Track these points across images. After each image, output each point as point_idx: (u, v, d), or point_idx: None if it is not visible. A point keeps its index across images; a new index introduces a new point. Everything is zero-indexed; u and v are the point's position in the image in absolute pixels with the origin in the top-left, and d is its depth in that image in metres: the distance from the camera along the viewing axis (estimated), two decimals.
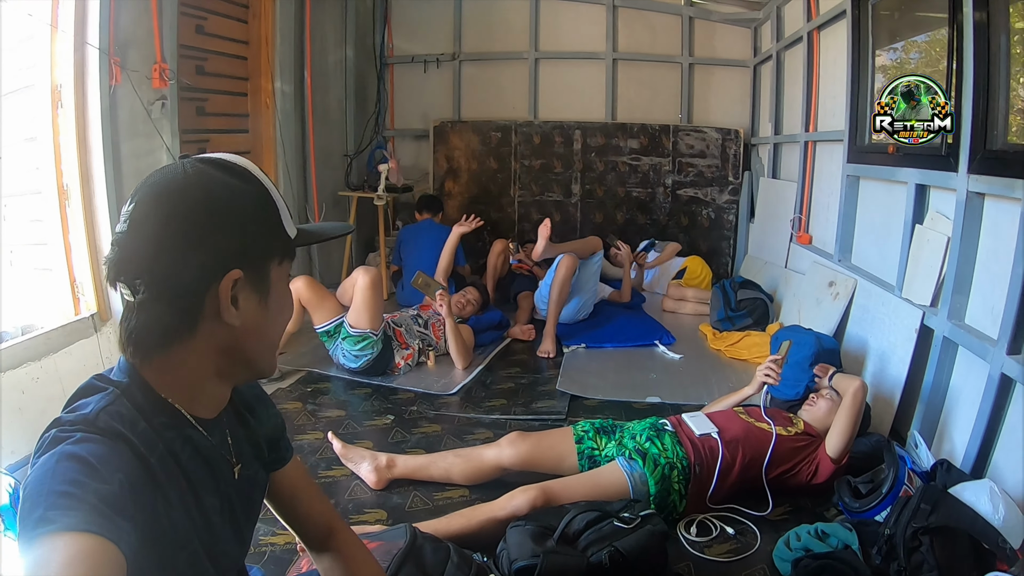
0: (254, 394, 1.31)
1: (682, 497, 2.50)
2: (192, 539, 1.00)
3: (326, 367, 4.07)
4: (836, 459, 2.59)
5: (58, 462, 0.83)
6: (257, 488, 1.26)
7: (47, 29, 3.33)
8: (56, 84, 3.39)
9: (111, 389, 0.99)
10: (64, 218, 3.49)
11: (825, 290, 4.06)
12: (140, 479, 0.90)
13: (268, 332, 1.10)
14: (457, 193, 6.95)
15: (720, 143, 6.48)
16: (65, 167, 3.46)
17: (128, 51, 3.60)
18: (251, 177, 1.05)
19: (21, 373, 3.03)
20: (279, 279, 1.09)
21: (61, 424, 0.92)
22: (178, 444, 1.01)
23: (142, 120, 3.74)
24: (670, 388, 3.82)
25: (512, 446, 2.71)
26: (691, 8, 6.61)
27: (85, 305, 3.54)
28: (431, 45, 7.05)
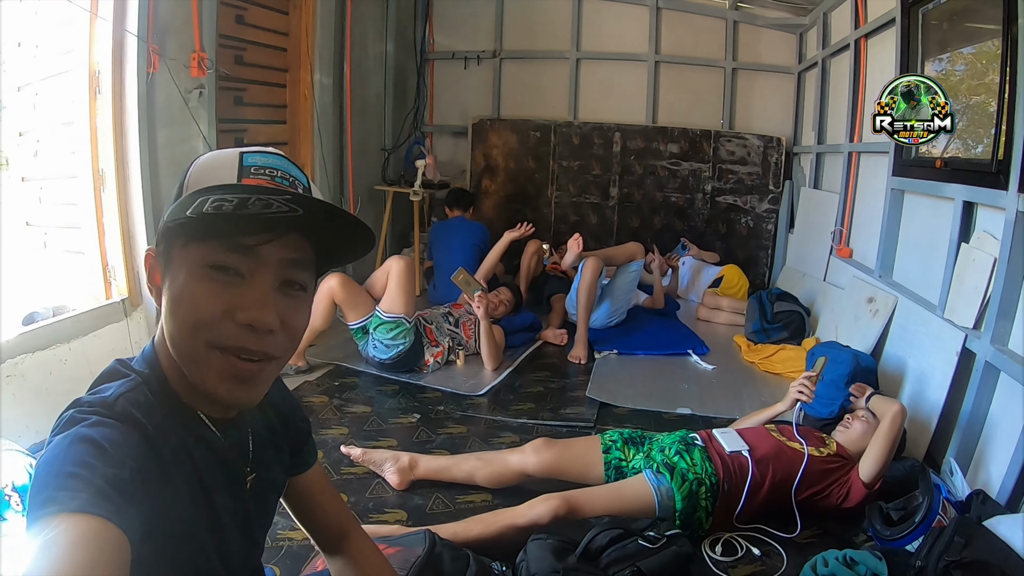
0: (282, 396, 1.29)
1: (708, 514, 2.45)
2: (199, 533, 1.00)
3: (355, 362, 4.09)
4: (869, 484, 2.53)
5: (71, 444, 0.83)
6: (273, 492, 1.25)
7: (87, 15, 3.36)
8: (94, 70, 3.43)
9: (133, 376, 0.99)
10: (99, 202, 3.53)
11: (864, 306, 3.98)
12: (150, 468, 0.90)
13: (168, 326, 0.96)
14: (494, 191, 6.94)
15: (761, 150, 6.40)
16: (101, 152, 3.49)
17: (167, 39, 3.63)
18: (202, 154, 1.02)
19: (49, 354, 3.07)
20: (181, 263, 0.94)
21: (80, 405, 0.92)
22: (191, 441, 1.00)
23: (179, 108, 3.77)
24: (701, 400, 3.77)
25: (537, 453, 2.68)
26: (736, 12, 6.52)
27: (116, 290, 3.58)
28: (472, 42, 7.04)
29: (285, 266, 0.96)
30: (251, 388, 0.98)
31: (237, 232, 0.91)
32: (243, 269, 0.93)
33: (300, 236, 0.97)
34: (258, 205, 0.86)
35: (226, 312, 0.92)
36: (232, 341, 0.93)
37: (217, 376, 0.95)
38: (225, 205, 0.85)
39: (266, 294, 0.94)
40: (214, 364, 0.94)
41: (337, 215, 0.95)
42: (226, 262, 0.93)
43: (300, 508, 1.38)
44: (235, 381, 0.95)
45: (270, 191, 0.89)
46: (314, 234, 0.98)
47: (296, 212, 0.88)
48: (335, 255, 1.06)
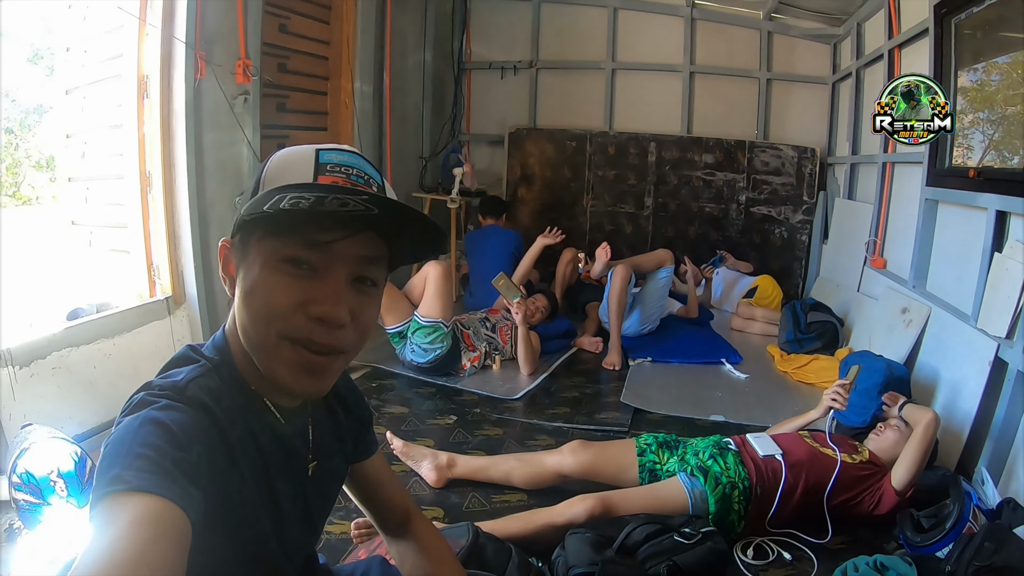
0: (347, 386, 1.33)
1: (741, 518, 2.49)
2: (261, 519, 1.03)
3: (392, 365, 4.18)
4: (901, 491, 2.55)
5: (141, 425, 0.85)
6: (334, 481, 1.27)
7: (136, 22, 3.48)
8: (143, 75, 3.54)
9: (203, 362, 1.02)
10: (145, 203, 3.63)
11: (898, 317, 3.99)
12: (218, 453, 0.93)
13: (241, 316, 1.00)
14: (530, 200, 7.00)
15: (796, 161, 6.40)
16: (149, 154, 3.60)
17: (213, 46, 3.74)
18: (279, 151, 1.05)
19: (94, 348, 3.17)
20: (256, 256, 0.97)
21: (150, 388, 0.95)
22: (257, 427, 1.03)
23: (224, 113, 3.88)
24: (734, 407, 3.80)
25: (574, 454, 2.73)
26: (770, 23, 6.54)
27: (160, 288, 3.68)
28: (509, 52, 7.14)
29: (358, 262, 0.99)
30: (319, 380, 1.00)
31: (313, 228, 0.94)
32: (317, 264, 0.96)
33: (374, 234, 0.99)
34: (334, 204, 0.88)
35: (299, 305, 0.95)
36: (303, 333, 0.95)
37: (287, 367, 0.97)
38: (302, 203, 0.87)
39: (339, 289, 0.96)
40: (284, 355, 0.97)
41: (410, 216, 0.96)
42: (301, 256, 0.95)
43: (363, 493, 1.42)
44: (304, 372, 0.98)
45: (346, 191, 0.91)
46: (387, 232, 1.00)
47: (371, 212, 0.90)
48: (407, 253, 1.09)
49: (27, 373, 2.83)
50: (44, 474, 2.42)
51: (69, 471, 2.46)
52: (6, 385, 2.74)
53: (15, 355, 2.79)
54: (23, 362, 2.82)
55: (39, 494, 2.40)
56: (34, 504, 2.39)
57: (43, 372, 2.91)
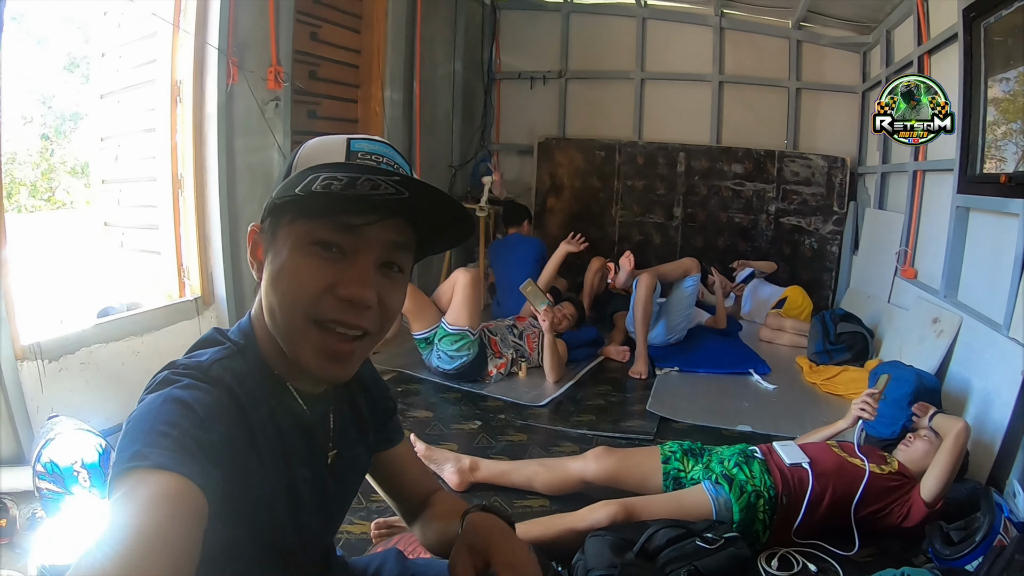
0: (371, 376, 1.32)
1: (766, 528, 2.46)
2: (277, 503, 1.03)
3: (418, 370, 4.21)
4: (930, 503, 2.51)
5: (163, 403, 0.87)
6: (355, 471, 1.27)
7: (170, 28, 3.55)
8: (176, 80, 3.62)
9: (228, 344, 1.04)
10: (176, 206, 3.70)
11: (928, 327, 3.93)
12: (238, 434, 0.94)
13: (269, 298, 1.01)
14: (559, 210, 7.02)
15: (826, 171, 6.36)
16: (181, 158, 3.66)
17: (245, 53, 3.79)
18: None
19: (123, 345, 3.23)
20: (286, 239, 0.99)
21: (175, 367, 0.97)
22: (280, 411, 1.04)
23: (256, 118, 3.93)
24: (762, 418, 3.77)
25: (597, 460, 2.72)
26: (799, 31, 6.53)
27: (190, 289, 3.75)
28: (538, 62, 7.19)
29: (387, 247, 1.00)
30: (344, 365, 1.02)
31: (343, 211, 0.95)
32: (346, 247, 0.97)
33: (403, 219, 1.00)
34: (366, 186, 0.89)
35: (328, 287, 0.96)
36: (331, 315, 0.97)
37: (312, 350, 0.99)
38: (334, 184, 0.88)
39: (367, 272, 0.97)
40: (311, 339, 0.98)
41: (442, 200, 0.97)
42: (331, 239, 0.96)
43: (390, 483, 1.40)
44: (328, 358, 0.99)
45: (378, 171, 0.92)
46: (416, 218, 1.01)
47: (402, 195, 0.91)
48: (435, 240, 1.08)
49: (56, 367, 2.89)
50: (68, 464, 2.44)
51: (93, 462, 2.48)
52: (35, 378, 2.80)
53: (45, 349, 2.85)
54: (52, 356, 2.89)
55: (62, 483, 2.43)
56: (56, 493, 2.42)
57: (72, 367, 2.97)
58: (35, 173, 11.66)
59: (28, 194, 11.58)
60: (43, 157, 11.64)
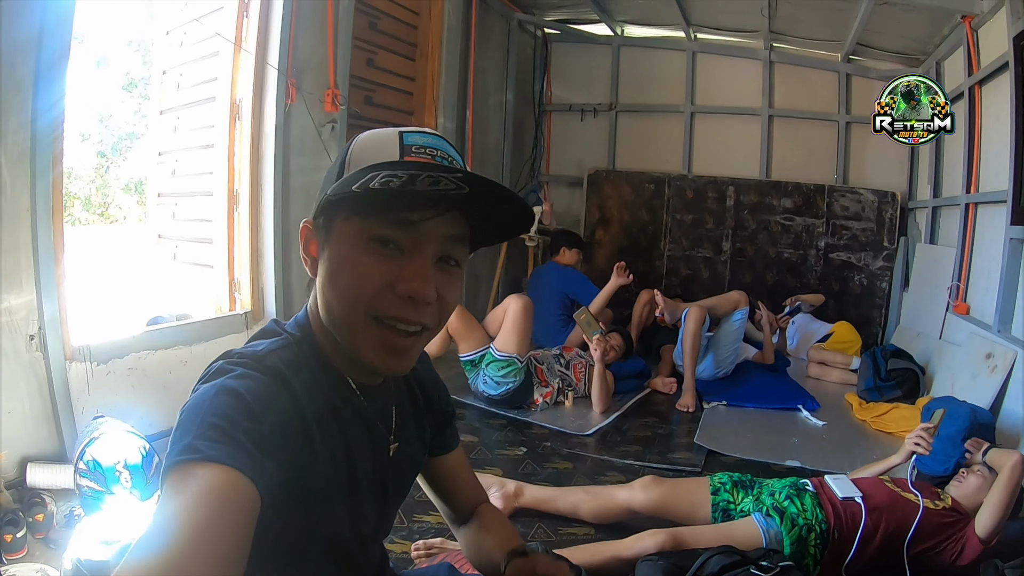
0: (430, 377, 1.33)
1: (816, 563, 2.42)
2: (334, 496, 1.02)
3: (463, 395, 4.23)
4: (985, 539, 2.43)
5: (216, 394, 0.87)
6: (412, 466, 1.27)
7: (231, 48, 3.69)
8: (236, 98, 3.75)
9: (285, 336, 1.05)
10: (231, 221, 3.80)
11: (982, 363, 3.87)
12: (292, 425, 0.93)
13: (324, 294, 1.01)
14: (607, 242, 7.05)
15: (876, 206, 6.33)
16: (238, 174, 3.77)
17: (304, 75, 3.91)
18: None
19: (171, 354, 3.33)
20: (342, 235, 0.98)
21: (230, 356, 0.98)
22: (339, 403, 1.04)
23: (312, 139, 4.03)
24: (811, 454, 3.72)
25: (645, 490, 2.71)
26: (848, 65, 6.52)
27: (240, 303, 3.83)
28: (588, 95, 7.28)
29: (445, 242, 0.99)
30: (403, 359, 1.02)
31: (401, 207, 0.94)
32: (404, 243, 0.96)
33: (459, 213, 1.00)
34: (426, 182, 0.88)
35: (387, 284, 0.96)
36: (391, 312, 0.97)
37: (372, 346, 0.98)
38: (393, 181, 0.87)
39: (426, 268, 0.97)
40: (371, 335, 0.98)
41: (501, 194, 0.97)
42: (389, 236, 0.96)
43: (437, 486, 1.42)
44: (388, 352, 0.99)
45: (440, 168, 0.91)
46: (473, 212, 1.01)
47: (463, 190, 0.91)
48: (491, 233, 1.08)
49: (104, 370, 2.99)
50: (111, 464, 2.51)
51: (136, 464, 2.55)
52: (83, 379, 2.89)
53: (95, 352, 2.95)
54: (101, 359, 2.98)
55: (103, 482, 2.49)
56: (97, 491, 2.48)
57: (119, 371, 3.07)
58: (90, 188, 11.99)
59: (82, 207, 11.90)
60: (98, 173, 11.96)
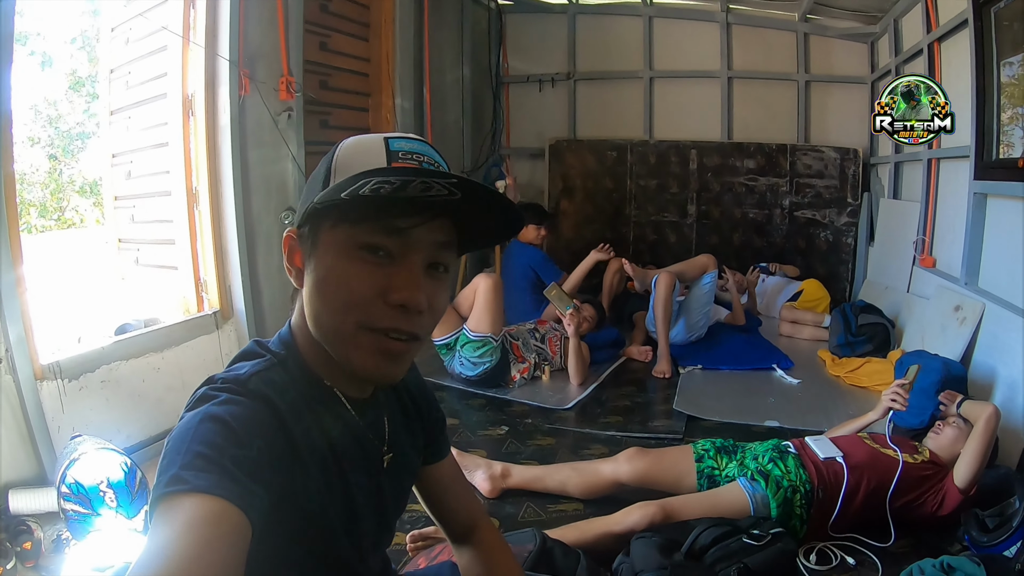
0: (418, 384, 1.32)
1: (803, 522, 2.46)
2: (328, 513, 1.01)
3: (440, 377, 4.21)
4: (964, 489, 2.50)
5: (200, 422, 0.85)
6: (408, 475, 1.26)
7: (180, 42, 3.58)
8: (188, 93, 3.64)
9: (268, 356, 1.02)
10: (192, 220, 3.71)
11: (951, 315, 3.93)
12: (279, 447, 0.92)
13: (312, 306, 0.99)
14: (572, 212, 7.03)
15: (839, 163, 6.36)
16: (195, 172, 3.68)
17: (256, 64, 3.80)
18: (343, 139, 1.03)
19: (143, 362, 3.24)
20: (328, 244, 0.97)
21: (213, 382, 0.96)
22: (328, 420, 1.02)
23: (269, 129, 3.94)
24: (789, 413, 3.76)
25: (630, 462, 2.71)
26: (806, 24, 6.53)
27: (208, 303, 3.76)
28: (546, 65, 7.19)
29: (435, 248, 0.98)
30: (397, 365, 1.00)
31: (391, 214, 0.93)
32: (394, 250, 0.96)
33: (448, 219, 0.99)
34: (419, 188, 0.88)
35: (378, 293, 0.95)
36: (384, 322, 0.96)
37: (366, 353, 0.97)
38: (385, 187, 0.87)
39: (417, 275, 0.96)
40: (363, 342, 0.97)
41: (492, 198, 0.96)
42: (378, 243, 0.95)
43: (432, 497, 1.40)
44: (383, 357, 0.98)
45: (430, 174, 0.90)
46: (461, 217, 0.99)
47: (454, 196, 0.90)
48: (477, 238, 1.07)
49: (76, 386, 2.90)
50: (94, 484, 2.45)
51: (119, 481, 2.48)
52: (55, 398, 2.80)
53: (64, 368, 2.85)
54: (72, 375, 2.89)
55: (88, 504, 2.43)
56: (83, 514, 2.42)
57: (92, 385, 2.98)
58: (44, 193, 11.72)
59: (38, 214, 11.64)
60: (52, 177, 11.70)
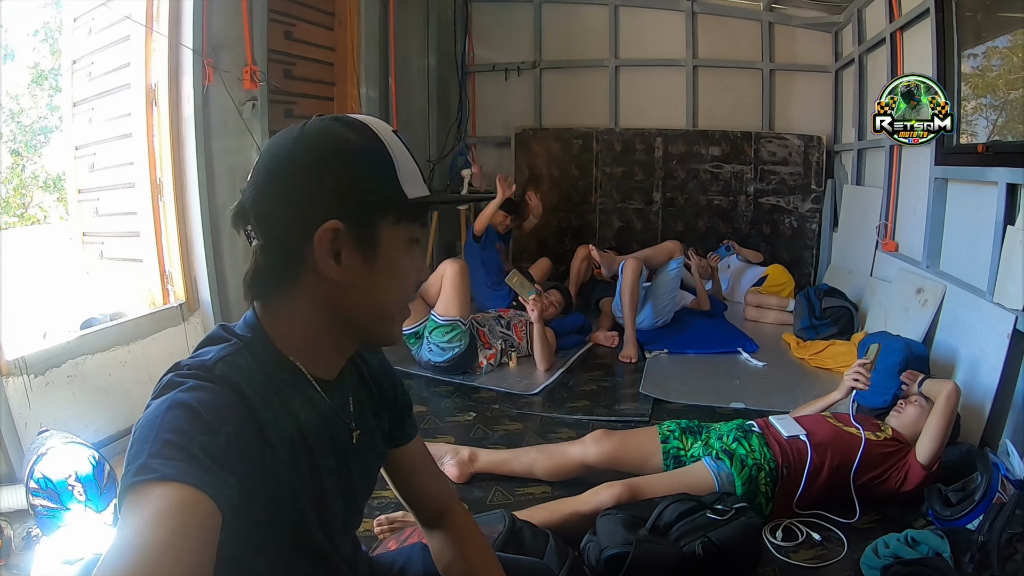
0: (383, 368, 1.33)
1: (768, 500, 2.48)
2: (299, 497, 1.01)
3: (408, 366, 4.17)
4: (927, 465, 2.54)
5: (168, 409, 0.85)
6: (375, 458, 1.27)
7: (143, 31, 3.50)
8: (151, 83, 3.56)
9: (234, 341, 1.02)
10: (157, 211, 3.64)
11: (913, 297, 3.98)
12: (248, 432, 0.92)
13: (374, 295, 1.05)
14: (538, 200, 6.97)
15: (802, 150, 6.41)
16: (159, 163, 3.61)
17: (220, 53, 3.74)
18: (367, 131, 1.04)
19: (109, 356, 3.18)
20: (392, 240, 1.04)
21: (179, 368, 0.95)
22: (297, 402, 1.03)
23: (233, 120, 3.89)
24: (754, 395, 3.80)
25: (597, 444, 2.71)
26: (771, 13, 6.54)
27: (174, 295, 3.69)
28: (512, 54, 7.14)
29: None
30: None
31: (424, 214, 1.11)
32: (422, 240, 1.14)
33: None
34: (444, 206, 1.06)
35: (416, 275, 1.12)
36: (412, 296, 1.14)
37: (399, 324, 1.14)
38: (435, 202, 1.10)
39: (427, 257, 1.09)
40: (399, 316, 1.12)
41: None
42: (419, 237, 1.11)
43: (401, 481, 1.41)
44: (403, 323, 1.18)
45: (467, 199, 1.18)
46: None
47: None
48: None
49: (42, 381, 2.84)
50: (62, 478, 2.40)
51: (87, 474, 2.44)
52: (21, 394, 2.75)
53: (30, 364, 2.80)
54: (38, 371, 2.83)
55: (57, 499, 2.38)
56: (52, 509, 2.37)
57: (58, 380, 2.92)
58: (6, 189, 11.49)
59: (1, 211, 11.41)
60: (15, 173, 11.46)
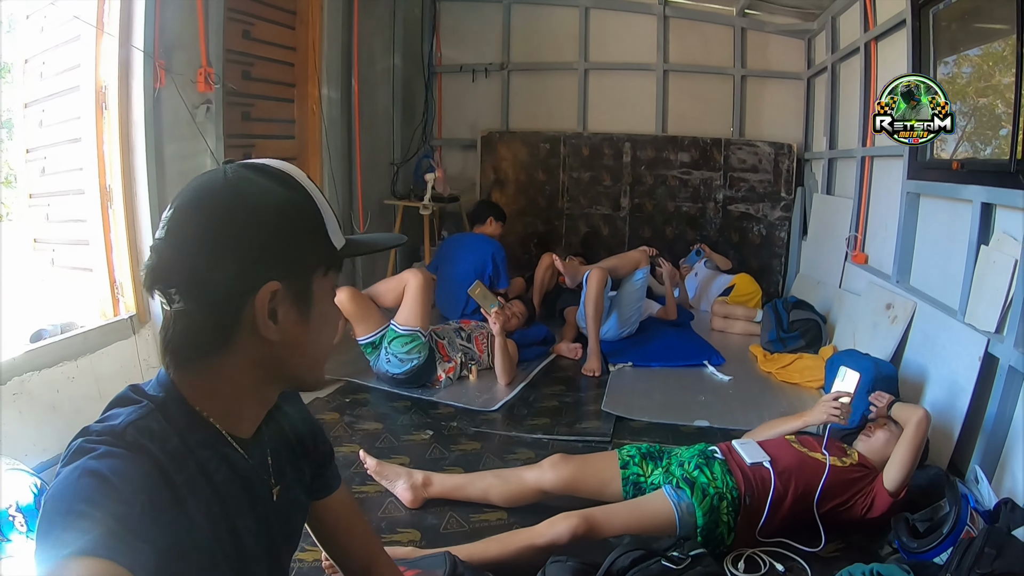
0: (302, 418, 1.28)
1: (730, 530, 2.40)
2: (219, 562, 0.97)
3: (366, 378, 4.05)
4: (894, 492, 2.48)
5: (79, 478, 0.82)
6: (298, 512, 1.23)
7: (93, 31, 3.37)
8: (101, 85, 3.44)
9: (145, 403, 0.97)
10: (106, 218, 3.52)
11: (882, 312, 3.92)
12: (162, 498, 0.88)
13: (311, 348, 1.05)
14: (504, 204, 6.77)
15: (773, 158, 6.37)
16: (109, 168, 3.49)
17: (173, 54, 3.63)
18: (295, 184, 1.01)
19: (57, 372, 3.05)
20: (323, 292, 1.04)
21: (88, 434, 0.90)
22: (213, 464, 0.99)
23: (186, 123, 3.77)
24: (719, 412, 3.72)
25: (554, 469, 2.62)
26: (744, 19, 6.51)
27: (124, 306, 3.57)
28: (479, 55, 7.04)
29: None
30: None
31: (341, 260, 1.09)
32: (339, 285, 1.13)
33: None
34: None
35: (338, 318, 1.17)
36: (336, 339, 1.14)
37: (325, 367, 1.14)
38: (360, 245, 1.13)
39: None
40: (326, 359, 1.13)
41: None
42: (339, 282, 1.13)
43: (324, 535, 1.37)
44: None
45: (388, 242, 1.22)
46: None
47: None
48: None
49: None
50: (2, 508, 2.27)
51: (28, 504, 2.31)
52: None
53: None
54: None
55: None
56: None
57: (4, 398, 2.78)
58: None
59: None
60: None
